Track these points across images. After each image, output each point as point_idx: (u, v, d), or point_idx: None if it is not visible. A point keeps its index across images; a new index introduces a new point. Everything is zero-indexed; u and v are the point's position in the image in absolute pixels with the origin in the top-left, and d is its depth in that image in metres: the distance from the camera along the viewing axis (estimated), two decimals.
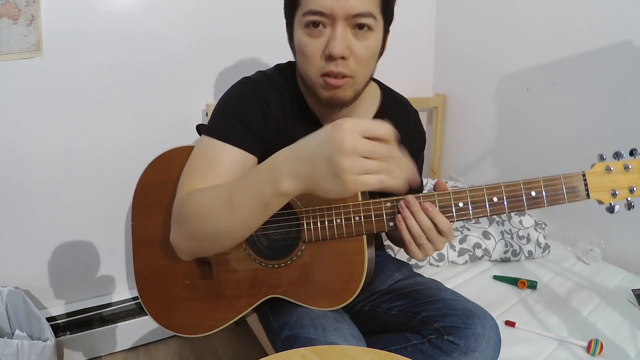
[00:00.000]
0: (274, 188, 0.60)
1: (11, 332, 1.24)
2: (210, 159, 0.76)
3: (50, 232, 1.35)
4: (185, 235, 0.73)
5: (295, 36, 0.74)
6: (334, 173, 0.54)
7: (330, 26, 0.70)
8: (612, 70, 1.32)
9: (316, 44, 0.71)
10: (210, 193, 0.70)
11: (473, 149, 1.83)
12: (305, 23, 0.70)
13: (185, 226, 0.72)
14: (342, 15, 0.68)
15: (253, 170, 0.65)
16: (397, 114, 0.90)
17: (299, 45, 0.73)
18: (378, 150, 0.54)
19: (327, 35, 0.70)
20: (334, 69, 0.71)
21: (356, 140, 0.53)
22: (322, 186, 0.57)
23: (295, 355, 0.59)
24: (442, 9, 1.89)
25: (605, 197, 0.67)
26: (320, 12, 0.68)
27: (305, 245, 0.78)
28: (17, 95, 1.22)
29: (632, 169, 0.66)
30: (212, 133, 0.77)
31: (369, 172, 0.54)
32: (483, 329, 0.74)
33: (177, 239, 0.75)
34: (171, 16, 1.37)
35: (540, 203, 0.67)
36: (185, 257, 0.79)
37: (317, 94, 0.75)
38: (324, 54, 0.71)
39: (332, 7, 0.67)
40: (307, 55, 0.72)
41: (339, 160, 0.53)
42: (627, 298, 1.17)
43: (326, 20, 0.69)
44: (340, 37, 0.68)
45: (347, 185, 0.54)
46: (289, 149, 0.61)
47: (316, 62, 0.72)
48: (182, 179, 0.77)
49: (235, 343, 1.55)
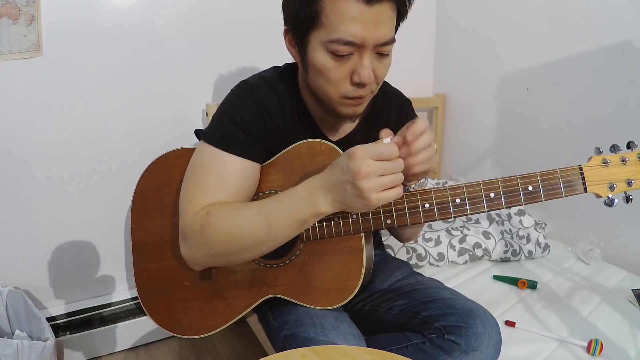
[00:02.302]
0: (313, 211, 0.69)
1: (11, 332, 1.24)
2: (219, 171, 0.76)
3: (50, 232, 1.35)
4: (209, 253, 0.74)
5: (315, 57, 0.72)
6: (359, 195, 0.63)
7: (357, 53, 0.70)
8: (612, 70, 1.31)
9: (342, 70, 0.71)
10: (241, 213, 0.72)
11: (473, 149, 1.83)
12: (333, 50, 0.69)
13: (211, 244, 0.73)
14: (371, 45, 0.69)
15: (289, 194, 0.71)
16: (389, 105, 0.92)
17: (320, 68, 0.72)
18: (390, 167, 0.63)
19: (353, 61, 0.71)
20: (363, 94, 0.74)
21: (370, 165, 0.62)
22: (352, 206, 0.66)
23: (295, 355, 0.59)
24: (442, 9, 1.89)
25: (603, 190, 0.66)
26: (352, 42, 0.68)
27: (303, 244, 0.78)
28: (17, 95, 1.22)
29: (629, 161, 0.65)
30: (215, 143, 0.77)
31: (387, 187, 0.63)
32: (484, 328, 0.74)
33: (195, 255, 0.76)
34: (171, 16, 1.37)
35: (537, 198, 0.67)
36: (198, 268, 0.81)
37: (335, 110, 0.77)
38: (352, 81, 0.72)
39: (363, 37, 0.68)
40: (330, 79, 0.73)
41: (360, 184, 0.62)
42: (627, 298, 1.16)
43: (354, 48, 0.69)
44: (369, 65, 0.71)
45: (371, 202, 0.63)
46: (319, 178, 0.69)
47: (340, 85, 0.73)
48: (190, 192, 0.77)
49: (235, 343, 1.55)
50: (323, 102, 0.78)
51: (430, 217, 0.71)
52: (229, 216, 0.72)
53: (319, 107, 0.82)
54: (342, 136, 0.89)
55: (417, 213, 0.71)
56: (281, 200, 0.71)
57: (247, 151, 0.77)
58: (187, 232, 0.75)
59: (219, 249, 0.73)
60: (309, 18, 0.69)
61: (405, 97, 0.97)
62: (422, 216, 0.71)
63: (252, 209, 0.72)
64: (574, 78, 1.42)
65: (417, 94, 1.86)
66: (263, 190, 0.81)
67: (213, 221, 0.72)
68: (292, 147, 0.79)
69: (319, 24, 0.69)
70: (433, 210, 0.70)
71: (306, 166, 0.77)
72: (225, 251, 0.74)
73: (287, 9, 0.74)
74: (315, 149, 0.76)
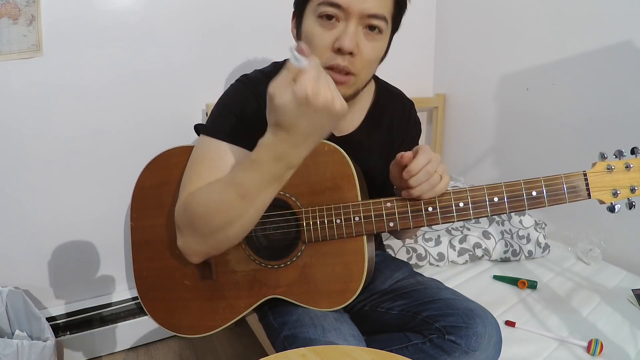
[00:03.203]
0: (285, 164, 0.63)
1: (11, 332, 1.24)
2: (213, 159, 0.76)
3: (50, 232, 1.35)
4: (196, 234, 0.72)
5: (305, 25, 0.74)
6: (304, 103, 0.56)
7: (343, 21, 0.71)
8: (612, 70, 1.31)
9: (327, 36, 0.71)
10: (213, 189, 0.70)
11: (473, 149, 1.83)
12: (319, 13, 0.71)
13: (195, 225, 0.72)
14: (357, 13, 0.69)
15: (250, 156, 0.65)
16: (393, 105, 0.92)
17: (307, 35, 0.73)
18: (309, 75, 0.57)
19: (339, 29, 0.71)
20: (340, 63, 0.72)
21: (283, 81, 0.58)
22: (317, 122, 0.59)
23: (295, 355, 0.59)
24: (442, 9, 1.89)
25: (607, 196, 0.66)
26: (336, 4, 0.69)
27: (304, 246, 0.78)
28: (17, 95, 1.22)
29: (634, 167, 0.65)
30: (211, 133, 0.77)
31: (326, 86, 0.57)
32: (484, 328, 0.74)
33: (187, 242, 0.75)
34: (171, 16, 1.37)
35: (541, 203, 0.67)
36: (196, 260, 0.78)
37: None
38: (333, 47, 0.71)
39: (349, 2, 0.68)
40: (315, 45, 0.72)
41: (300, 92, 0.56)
42: (627, 298, 1.16)
43: (340, 14, 0.70)
44: (352, 33, 0.70)
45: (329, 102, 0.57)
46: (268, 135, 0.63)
47: (323, 53, 0.72)
48: (185, 182, 0.77)
49: (235, 343, 1.55)
50: None
51: (434, 221, 0.71)
52: (203, 192, 0.71)
53: None
54: (345, 134, 0.88)
55: (420, 217, 0.71)
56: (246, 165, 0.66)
57: (244, 140, 0.76)
58: (177, 218, 0.75)
59: (202, 228, 0.71)
60: None
61: (408, 99, 0.97)
62: (425, 220, 0.71)
63: (222, 180, 0.70)
64: (574, 78, 1.42)
65: (417, 94, 1.86)
66: None
67: (191, 199, 0.72)
68: None
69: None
70: (436, 214, 0.70)
71: (309, 166, 0.77)
72: (208, 229, 0.71)
73: None
74: (318, 149, 0.76)
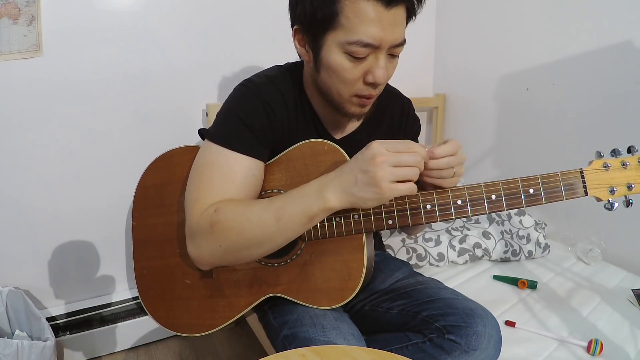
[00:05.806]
0: (322, 204, 0.68)
1: (11, 332, 1.24)
2: (224, 170, 0.76)
3: (50, 232, 1.35)
4: (216, 247, 0.74)
5: (330, 58, 0.72)
6: (371, 182, 0.63)
7: (372, 54, 0.71)
8: (612, 70, 1.32)
9: (357, 70, 0.72)
10: (251, 208, 0.72)
11: (473, 149, 1.83)
12: (351, 52, 0.70)
13: (220, 241, 0.73)
14: (387, 47, 0.70)
15: (299, 190, 0.71)
16: (392, 105, 0.94)
17: (335, 68, 0.73)
18: (405, 159, 0.63)
19: (369, 62, 0.72)
20: (372, 93, 0.75)
21: (384, 154, 0.63)
22: (362, 196, 0.65)
23: (295, 355, 0.59)
24: (442, 9, 1.89)
25: (604, 194, 0.67)
26: (370, 44, 0.69)
27: (304, 244, 0.78)
28: (17, 95, 1.22)
29: (630, 165, 0.66)
30: (220, 141, 0.77)
31: (400, 179, 0.63)
32: (484, 328, 0.74)
33: (202, 252, 0.76)
34: (171, 16, 1.37)
35: (538, 200, 0.67)
36: (205, 268, 0.81)
37: (343, 109, 0.78)
38: (365, 80, 0.73)
39: (381, 39, 0.69)
40: (346, 80, 0.73)
41: (373, 170, 0.62)
42: (627, 298, 1.17)
43: (371, 50, 0.70)
44: (384, 66, 0.72)
45: (382, 190, 0.63)
46: (332, 173, 0.70)
47: (354, 85, 0.74)
48: (196, 191, 0.77)
49: (235, 343, 1.55)
50: (332, 101, 0.78)
51: (432, 218, 0.71)
52: (239, 212, 0.72)
53: (324, 105, 0.82)
54: (345, 135, 0.89)
55: (419, 214, 0.71)
56: (291, 195, 0.71)
57: (252, 149, 0.77)
58: (196, 230, 0.75)
59: (228, 245, 0.73)
60: (327, 19, 0.70)
61: (406, 98, 0.98)
62: (424, 217, 0.71)
63: (262, 203, 0.73)
64: (574, 78, 1.42)
65: (417, 94, 1.87)
66: (266, 189, 0.81)
67: (223, 217, 0.72)
68: (295, 146, 0.79)
69: (337, 25, 0.70)
70: (434, 211, 0.70)
71: (309, 166, 0.77)
72: (235, 247, 0.73)
73: (300, 8, 0.73)
74: (318, 148, 0.76)
